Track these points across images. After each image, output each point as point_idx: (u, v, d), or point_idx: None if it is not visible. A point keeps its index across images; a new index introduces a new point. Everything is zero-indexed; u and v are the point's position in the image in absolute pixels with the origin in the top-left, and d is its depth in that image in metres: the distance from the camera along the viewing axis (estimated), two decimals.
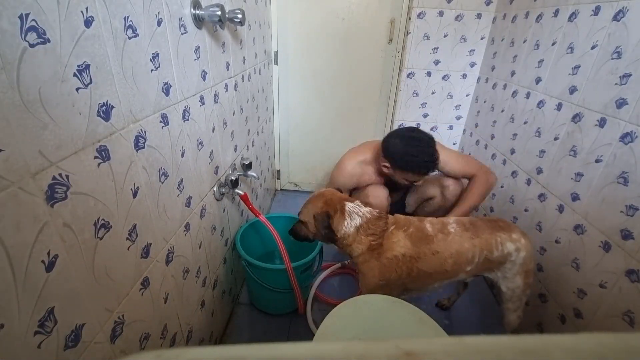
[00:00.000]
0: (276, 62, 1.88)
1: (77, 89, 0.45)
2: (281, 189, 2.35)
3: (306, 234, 1.11)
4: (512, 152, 1.46)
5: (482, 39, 1.75)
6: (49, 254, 0.43)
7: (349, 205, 1.03)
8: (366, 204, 1.08)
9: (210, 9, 0.80)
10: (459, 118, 1.98)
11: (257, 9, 1.42)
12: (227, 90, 1.06)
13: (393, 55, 1.85)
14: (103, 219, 0.52)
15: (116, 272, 0.57)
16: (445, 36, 1.75)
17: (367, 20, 1.78)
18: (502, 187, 1.53)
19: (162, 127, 0.69)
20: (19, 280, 0.39)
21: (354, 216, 1.02)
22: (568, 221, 1.10)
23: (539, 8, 1.34)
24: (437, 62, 1.82)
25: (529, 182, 1.33)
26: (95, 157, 0.50)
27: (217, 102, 0.98)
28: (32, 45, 0.38)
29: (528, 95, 1.37)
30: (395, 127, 2.02)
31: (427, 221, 1.03)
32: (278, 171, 2.26)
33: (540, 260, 1.22)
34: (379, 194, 1.38)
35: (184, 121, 0.78)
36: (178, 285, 0.82)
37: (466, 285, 1.34)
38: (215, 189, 1.03)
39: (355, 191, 1.48)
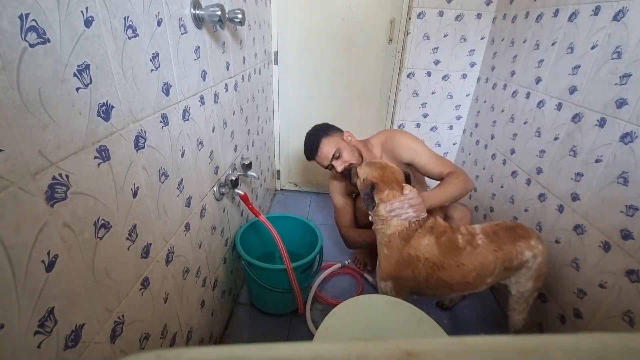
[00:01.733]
0: (276, 62, 1.88)
1: (77, 89, 0.45)
2: (281, 189, 2.35)
3: (355, 183, 1.15)
4: (512, 152, 1.46)
5: (482, 39, 1.75)
6: (49, 254, 0.43)
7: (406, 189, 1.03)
8: None
9: (210, 9, 0.80)
10: (459, 118, 1.98)
11: (257, 9, 1.42)
12: (227, 90, 1.07)
13: (393, 55, 1.85)
14: (103, 219, 0.52)
15: (116, 272, 0.57)
16: (445, 36, 1.75)
17: (367, 20, 1.78)
18: (502, 187, 1.53)
19: (162, 127, 0.69)
20: (19, 280, 0.39)
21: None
22: (568, 221, 1.10)
23: (539, 8, 1.34)
24: (437, 62, 1.82)
25: (529, 182, 1.33)
26: (95, 157, 0.50)
27: (217, 102, 0.98)
28: (32, 45, 0.38)
29: (528, 95, 1.37)
30: (395, 127, 2.02)
31: (459, 232, 1.01)
32: (278, 171, 2.26)
33: None
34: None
35: (184, 121, 0.78)
36: (178, 285, 0.82)
37: None
38: (215, 189, 1.03)
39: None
